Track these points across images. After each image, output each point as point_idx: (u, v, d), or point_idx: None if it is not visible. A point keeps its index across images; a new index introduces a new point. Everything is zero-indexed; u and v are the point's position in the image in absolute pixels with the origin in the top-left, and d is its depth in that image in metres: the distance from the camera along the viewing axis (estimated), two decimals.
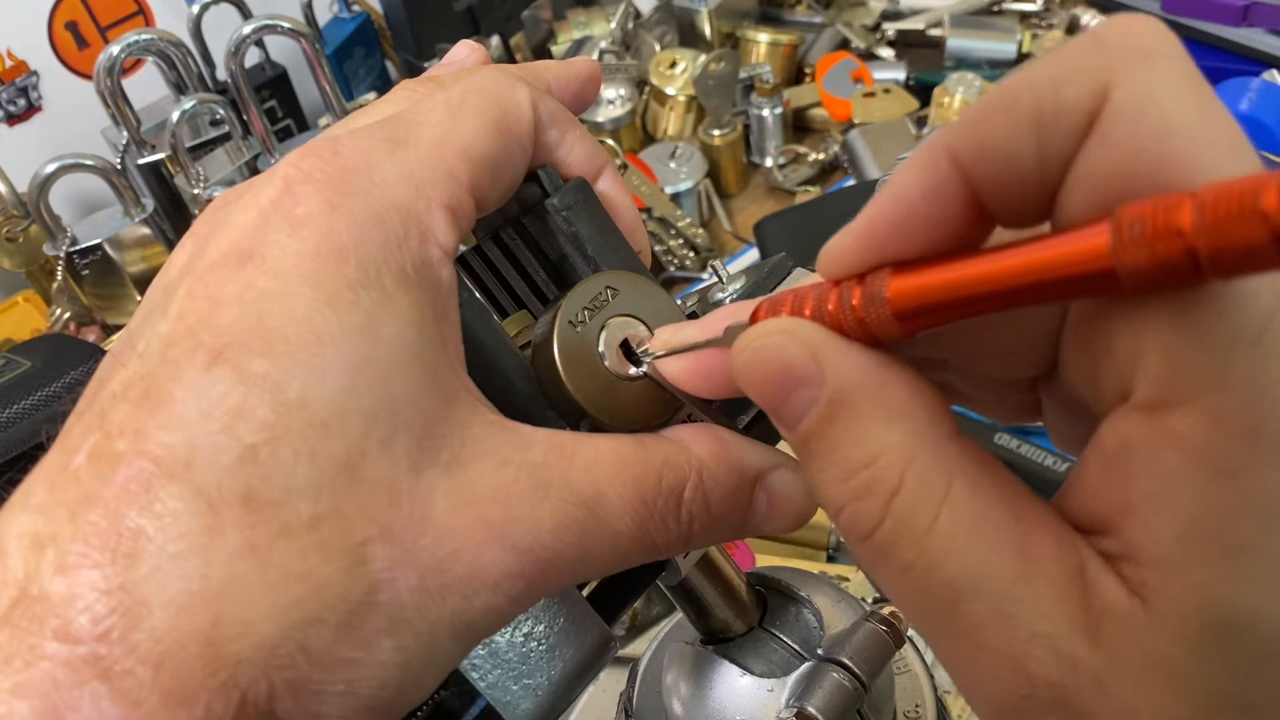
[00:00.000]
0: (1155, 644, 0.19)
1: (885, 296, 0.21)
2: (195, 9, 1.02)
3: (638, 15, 1.21)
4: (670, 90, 1.11)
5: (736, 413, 0.31)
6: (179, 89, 1.02)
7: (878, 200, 0.22)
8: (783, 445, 0.31)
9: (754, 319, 0.25)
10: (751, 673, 0.37)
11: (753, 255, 1.02)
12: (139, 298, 0.99)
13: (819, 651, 0.37)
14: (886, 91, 1.10)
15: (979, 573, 0.20)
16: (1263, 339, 0.18)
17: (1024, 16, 1.21)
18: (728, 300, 0.33)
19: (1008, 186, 0.20)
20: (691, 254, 1.01)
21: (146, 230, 0.97)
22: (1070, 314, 0.22)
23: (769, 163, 1.11)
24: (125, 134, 0.96)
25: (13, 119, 1.06)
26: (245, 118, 0.95)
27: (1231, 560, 0.19)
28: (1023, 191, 0.20)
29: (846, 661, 0.36)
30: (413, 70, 1.18)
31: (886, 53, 1.19)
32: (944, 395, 0.23)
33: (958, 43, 1.16)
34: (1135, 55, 0.19)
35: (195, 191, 0.95)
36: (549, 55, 1.20)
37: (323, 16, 1.18)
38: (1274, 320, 0.18)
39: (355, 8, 1.19)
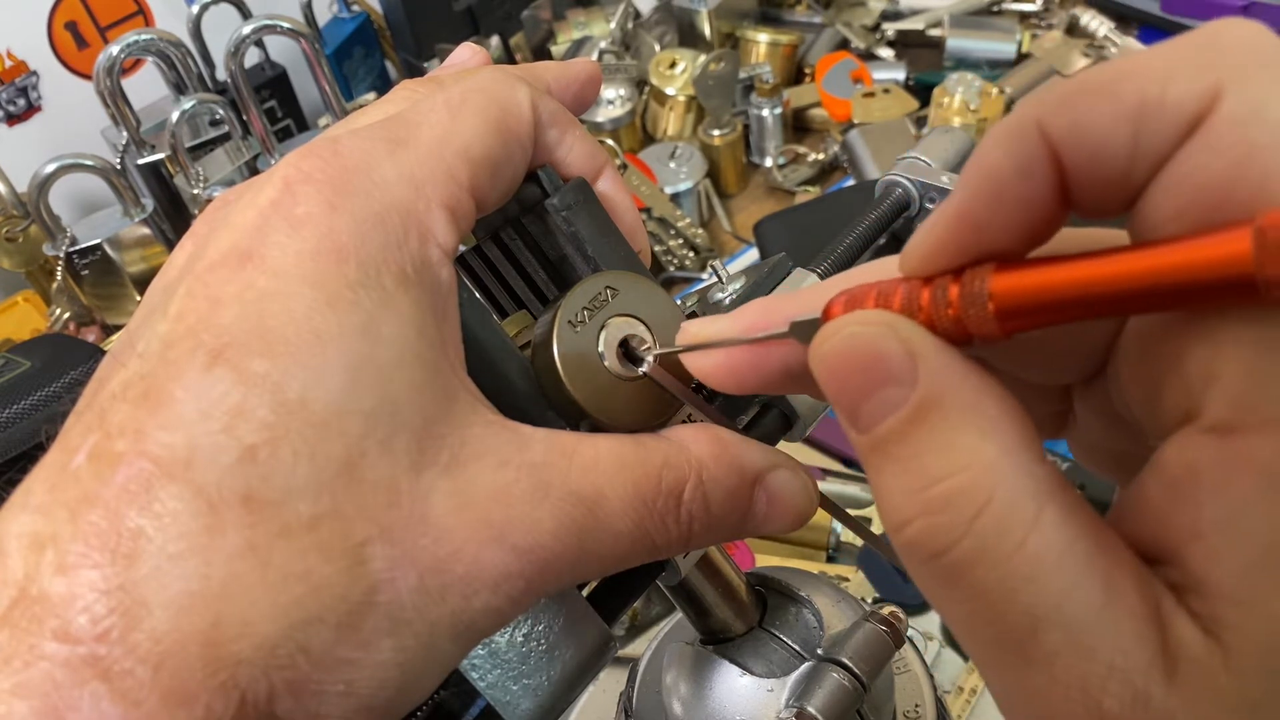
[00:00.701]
0: (1232, 685, 0.18)
1: (988, 293, 0.20)
2: (195, 9, 1.02)
3: (637, 15, 1.21)
4: (670, 90, 1.11)
5: (737, 413, 0.31)
6: (179, 89, 1.02)
7: (966, 181, 0.20)
8: (784, 445, 0.31)
9: (829, 314, 0.23)
10: (751, 673, 0.37)
11: (752, 255, 1.02)
12: (139, 298, 0.99)
13: (819, 651, 0.37)
14: (886, 91, 1.10)
15: (1061, 602, 0.19)
16: None
17: (1024, 16, 1.21)
18: (727, 300, 0.33)
19: (1096, 174, 0.19)
20: (691, 254, 1.01)
21: (146, 230, 0.97)
22: (1131, 323, 0.21)
23: (769, 163, 1.11)
24: (125, 134, 0.96)
25: (12, 119, 1.06)
26: (245, 118, 0.95)
27: None
28: (1109, 182, 0.19)
29: (846, 661, 0.36)
30: (412, 70, 1.18)
31: (886, 53, 1.19)
32: (1029, 413, 0.21)
33: (957, 43, 1.16)
34: (1252, 61, 0.18)
35: (195, 191, 0.95)
36: (549, 55, 1.20)
37: (322, 16, 1.18)
38: None
39: (355, 8, 1.19)
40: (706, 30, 1.19)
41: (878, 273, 0.23)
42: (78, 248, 0.95)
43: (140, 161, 0.97)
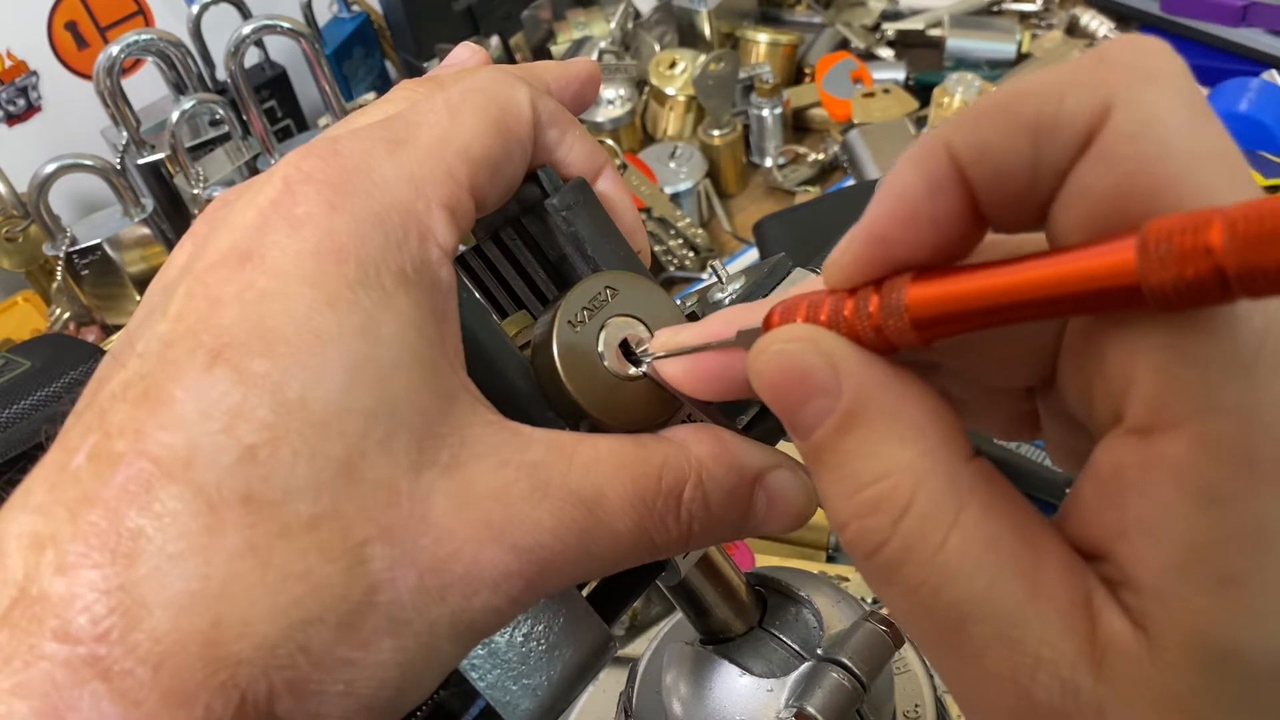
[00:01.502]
0: (1157, 677, 0.19)
1: (904, 304, 0.21)
2: (195, 9, 1.02)
3: (637, 15, 1.21)
4: (670, 90, 1.11)
5: (736, 413, 0.31)
6: (179, 89, 1.02)
7: (879, 200, 0.22)
8: (785, 446, 0.31)
9: (768, 324, 0.24)
10: (751, 673, 0.37)
11: (752, 255, 1.02)
12: (138, 298, 0.99)
13: (819, 651, 0.37)
14: (886, 92, 1.10)
15: (986, 597, 0.20)
16: (1255, 363, 0.18)
17: (1023, 16, 1.21)
18: (727, 300, 0.33)
19: (1003, 190, 0.20)
20: (691, 254, 1.01)
21: (146, 230, 0.97)
22: (1068, 329, 0.22)
23: (769, 163, 1.11)
24: (125, 134, 0.96)
25: (12, 119, 1.06)
26: (245, 118, 0.95)
27: (1225, 591, 0.18)
28: (1017, 197, 0.20)
29: (846, 661, 0.36)
30: (412, 70, 1.18)
31: (886, 53, 1.19)
32: (957, 413, 0.22)
33: (957, 43, 1.16)
34: (1140, 75, 0.19)
35: (195, 191, 0.95)
36: (548, 55, 1.20)
37: (322, 16, 1.18)
38: (1266, 343, 0.18)
39: (355, 8, 1.19)
40: (706, 30, 1.19)
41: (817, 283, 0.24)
42: (78, 248, 0.95)
43: (140, 161, 0.97)
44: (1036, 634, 0.20)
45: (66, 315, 0.99)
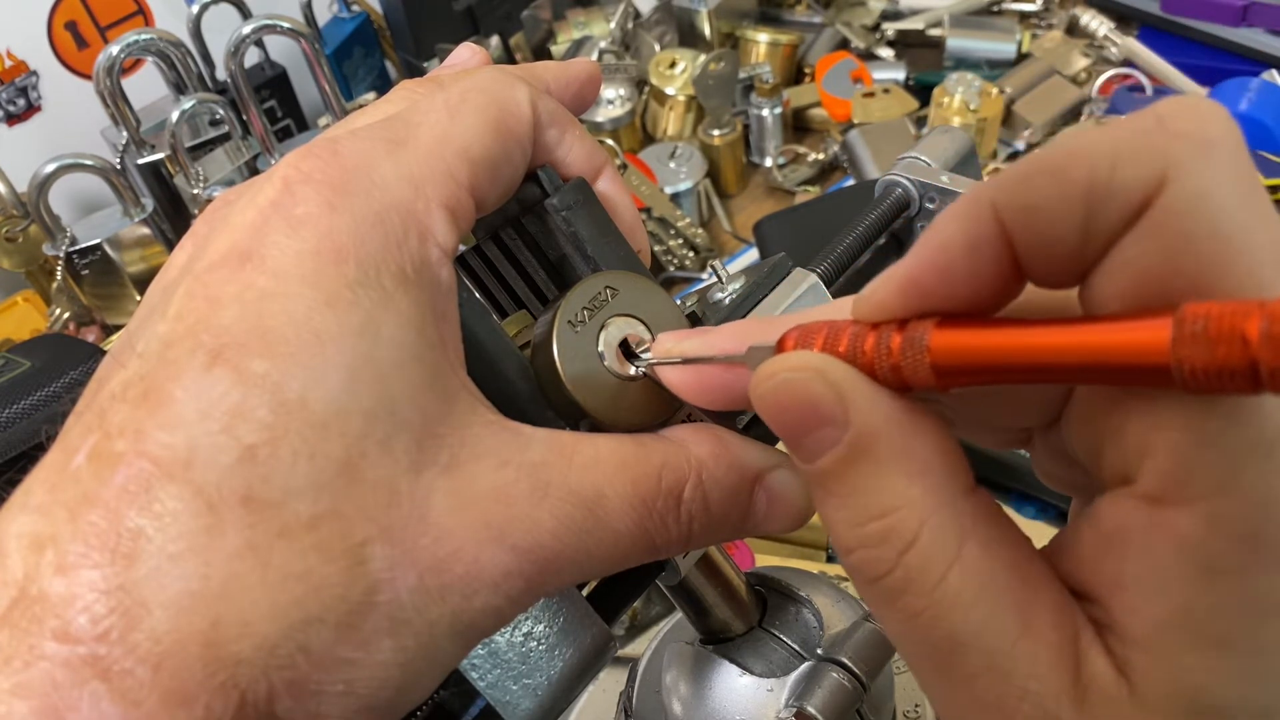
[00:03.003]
0: None
1: (926, 346, 0.21)
2: (195, 9, 1.02)
3: (637, 15, 1.21)
4: (670, 90, 1.11)
5: (736, 413, 0.31)
6: (179, 89, 1.02)
7: (921, 248, 0.22)
8: (783, 446, 0.31)
9: (782, 346, 0.24)
10: (751, 673, 0.37)
11: (752, 255, 1.02)
12: (138, 298, 0.99)
13: (818, 651, 0.38)
14: (886, 91, 1.10)
15: (981, 629, 0.21)
16: (1274, 451, 0.18)
17: (1023, 16, 1.21)
18: (727, 300, 0.33)
19: (1047, 253, 0.20)
20: (691, 254, 1.01)
21: (146, 230, 0.97)
22: (1082, 393, 0.22)
23: (769, 163, 1.11)
24: (125, 134, 0.96)
25: (12, 119, 1.06)
26: (245, 118, 0.95)
27: (1216, 651, 0.19)
28: (1061, 259, 0.20)
29: (846, 661, 0.36)
30: (412, 70, 1.18)
31: (886, 53, 1.19)
32: (960, 448, 0.23)
33: (957, 43, 1.15)
34: (1196, 145, 0.18)
35: (195, 191, 0.95)
36: (549, 55, 1.20)
37: (322, 16, 1.18)
38: None
39: (355, 8, 1.19)
40: (706, 30, 1.19)
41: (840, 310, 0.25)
42: (78, 248, 0.95)
43: (140, 161, 0.97)
44: (1025, 668, 0.21)
45: (66, 315, 0.99)
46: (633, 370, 0.28)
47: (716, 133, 1.08)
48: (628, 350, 0.29)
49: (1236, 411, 0.18)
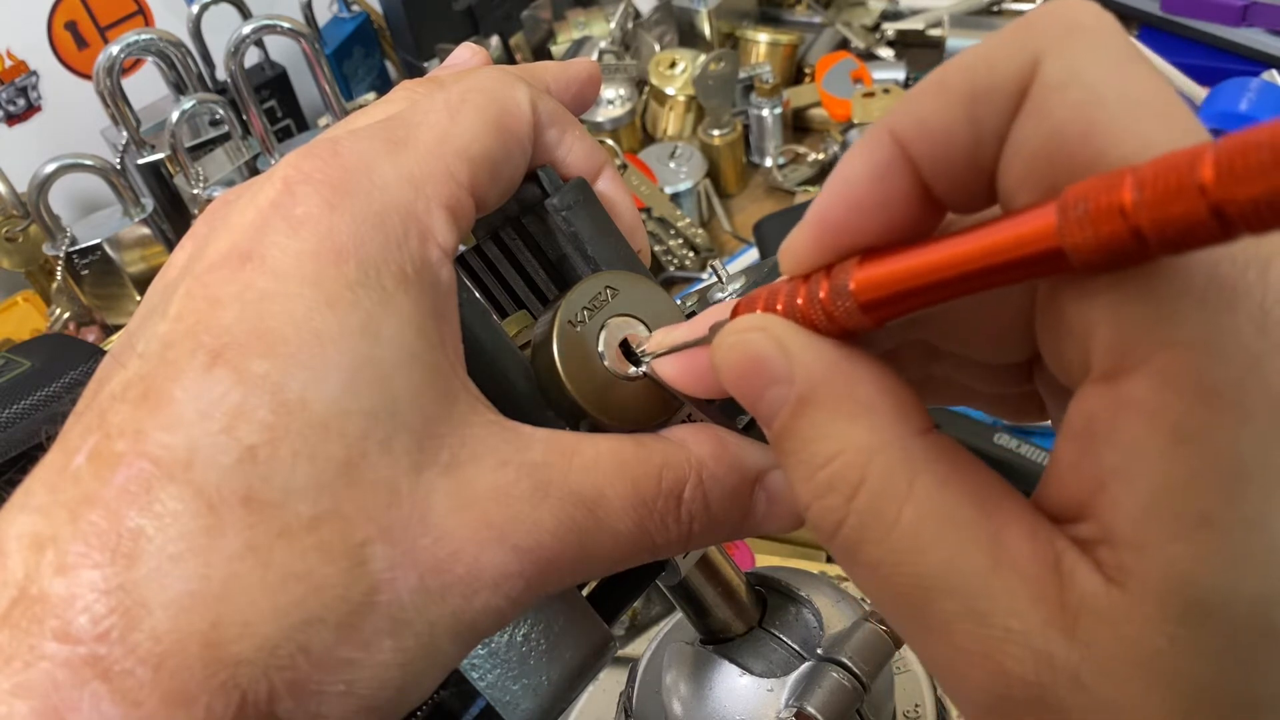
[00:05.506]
0: (1135, 633, 0.18)
1: (850, 288, 0.21)
2: (195, 9, 1.02)
3: (637, 15, 1.21)
4: (670, 90, 1.11)
5: (736, 413, 0.31)
6: (179, 89, 1.02)
7: (827, 189, 0.22)
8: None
9: (733, 316, 0.24)
10: (751, 673, 0.37)
11: (752, 255, 1.02)
12: (139, 298, 0.99)
13: (819, 651, 0.37)
14: (886, 91, 1.10)
15: (946, 570, 0.20)
16: (1207, 296, 0.18)
17: None
18: (727, 300, 0.33)
19: (946, 165, 0.20)
20: (691, 254, 1.01)
21: (146, 230, 0.97)
22: (1038, 295, 0.22)
23: (769, 163, 1.11)
24: (125, 134, 0.96)
25: (12, 119, 1.06)
26: (245, 118, 0.95)
27: (1200, 534, 0.18)
28: (962, 171, 0.20)
29: (846, 661, 0.36)
30: (412, 70, 1.18)
31: (886, 53, 1.19)
32: (915, 390, 0.22)
33: (957, 43, 1.15)
34: (1064, 31, 0.19)
35: (195, 191, 0.95)
36: (549, 55, 1.20)
37: (322, 16, 1.18)
38: (1218, 273, 0.18)
39: (355, 8, 1.19)
40: (706, 30, 1.19)
41: None
42: (78, 248, 0.95)
43: (140, 161, 0.97)
44: (1003, 605, 0.19)
45: (66, 315, 0.99)
46: (632, 370, 0.28)
47: (716, 133, 1.08)
48: (628, 350, 0.29)
49: (1160, 266, 0.18)
